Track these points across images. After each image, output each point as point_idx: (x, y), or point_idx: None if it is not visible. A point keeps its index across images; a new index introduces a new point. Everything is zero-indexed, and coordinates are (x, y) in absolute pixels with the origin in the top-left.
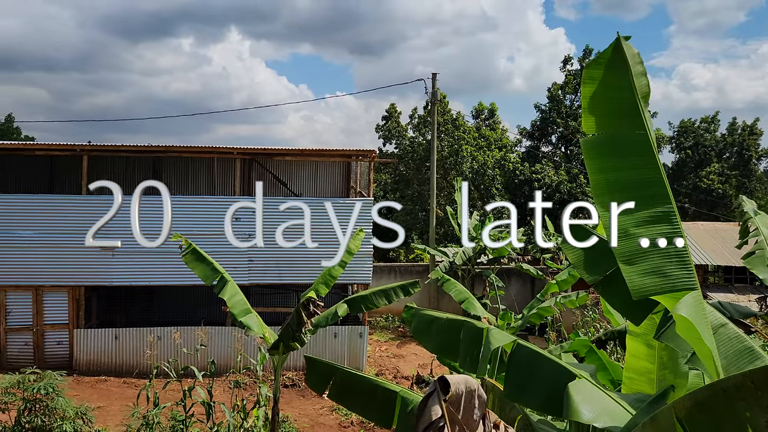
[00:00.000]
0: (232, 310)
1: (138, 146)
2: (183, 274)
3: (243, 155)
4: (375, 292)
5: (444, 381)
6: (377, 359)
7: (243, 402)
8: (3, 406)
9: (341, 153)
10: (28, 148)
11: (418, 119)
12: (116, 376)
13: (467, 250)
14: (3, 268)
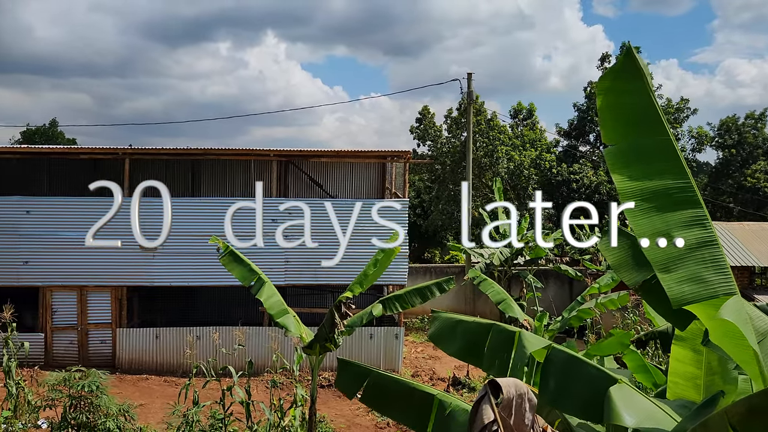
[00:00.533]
0: (270, 310)
1: (177, 149)
2: (221, 274)
3: (279, 157)
4: (409, 291)
5: (495, 384)
6: (413, 360)
7: (280, 402)
8: (50, 402)
9: (376, 154)
10: (73, 151)
11: (452, 120)
12: (157, 375)
13: (504, 251)
14: (49, 269)
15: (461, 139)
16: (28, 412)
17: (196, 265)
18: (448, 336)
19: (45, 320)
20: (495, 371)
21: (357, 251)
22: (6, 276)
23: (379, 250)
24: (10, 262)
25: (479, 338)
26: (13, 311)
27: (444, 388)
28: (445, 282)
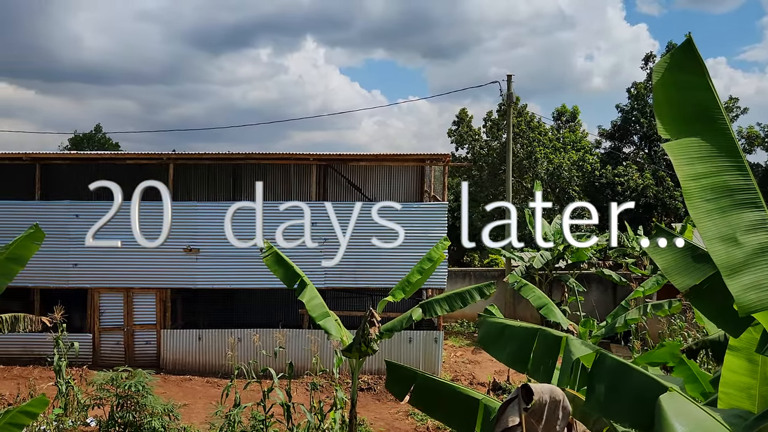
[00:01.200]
0: (311, 313)
1: (219, 154)
2: (261, 277)
3: (319, 161)
4: (450, 295)
5: (527, 389)
6: (452, 365)
7: (320, 404)
8: (98, 401)
9: (415, 157)
10: (119, 157)
11: (492, 122)
12: (200, 376)
13: (545, 255)
14: (97, 271)
15: (501, 141)
16: (77, 410)
17: (237, 268)
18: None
19: (93, 321)
20: (540, 376)
21: (397, 254)
22: (56, 278)
23: (425, 257)
24: (61, 265)
25: (525, 343)
26: (63, 312)
27: (484, 392)
28: (486, 287)
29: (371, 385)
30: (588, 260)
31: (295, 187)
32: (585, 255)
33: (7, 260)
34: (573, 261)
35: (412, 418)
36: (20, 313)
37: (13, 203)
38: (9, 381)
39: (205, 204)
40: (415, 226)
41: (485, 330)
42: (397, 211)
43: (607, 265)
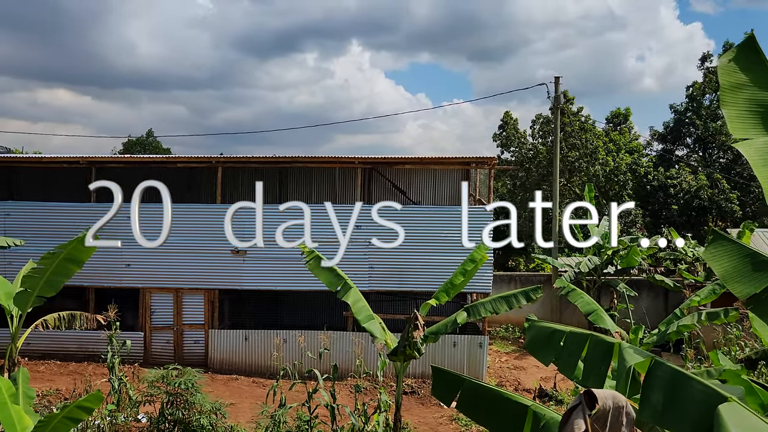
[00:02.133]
0: (356, 315)
1: (266, 157)
2: (307, 279)
3: (364, 164)
4: (495, 299)
5: (590, 395)
6: (497, 370)
7: (364, 406)
8: (149, 398)
9: (460, 160)
10: (170, 160)
11: (541, 124)
12: (246, 376)
13: (593, 260)
14: (149, 271)
15: (549, 143)
16: (129, 406)
17: (283, 270)
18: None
19: (144, 320)
20: (591, 383)
21: (441, 257)
22: (110, 278)
23: (467, 259)
24: (114, 265)
25: (575, 348)
26: (116, 311)
27: (530, 399)
28: (533, 291)
29: (415, 388)
30: (638, 266)
31: (340, 190)
32: (635, 260)
33: (65, 260)
34: (623, 266)
35: (457, 423)
36: (76, 311)
37: (71, 205)
38: (65, 377)
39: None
40: (460, 229)
41: (533, 334)
42: (442, 214)
43: (658, 271)
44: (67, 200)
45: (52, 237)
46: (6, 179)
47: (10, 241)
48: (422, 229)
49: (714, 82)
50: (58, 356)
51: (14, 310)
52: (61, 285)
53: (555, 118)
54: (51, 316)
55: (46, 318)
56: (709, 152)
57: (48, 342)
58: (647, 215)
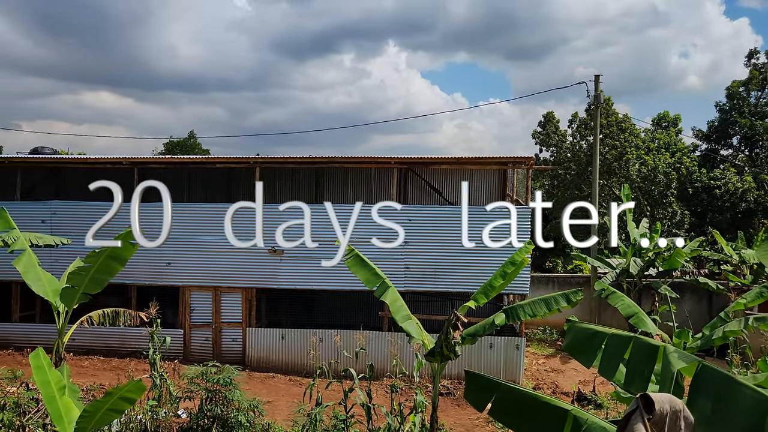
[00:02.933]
0: (393, 315)
1: (304, 158)
2: (343, 279)
3: (400, 164)
4: (534, 301)
5: (647, 399)
6: (534, 373)
7: (400, 407)
8: (189, 394)
9: (498, 160)
10: (210, 161)
11: (578, 123)
12: (282, 374)
13: (636, 261)
14: (188, 270)
15: (588, 143)
16: (169, 402)
17: (319, 270)
18: (584, 347)
19: (184, 318)
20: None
21: (477, 258)
22: (151, 276)
23: (507, 261)
24: (155, 263)
25: (617, 351)
26: (157, 308)
27: (568, 402)
28: (573, 293)
29: (451, 389)
30: (681, 268)
31: (376, 190)
32: (678, 262)
33: (109, 258)
34: (665, 268)
35: (493, 425)
36: (120, 308)
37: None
38: (108, 372)
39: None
40: (498, 230)
41: (573, 336)
42: (479, 215)
43: (702, 274)
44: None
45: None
46: (52, 179)
47: (57, 240)
48: (458, 229)
49: (761, 79)
50: (101, 352)
51: (61, 307)
52: (106, 283)
53: (595, 117)
54: (96, 313)
55: (91, 315)
56: (756, 152)
57: (92, 338)
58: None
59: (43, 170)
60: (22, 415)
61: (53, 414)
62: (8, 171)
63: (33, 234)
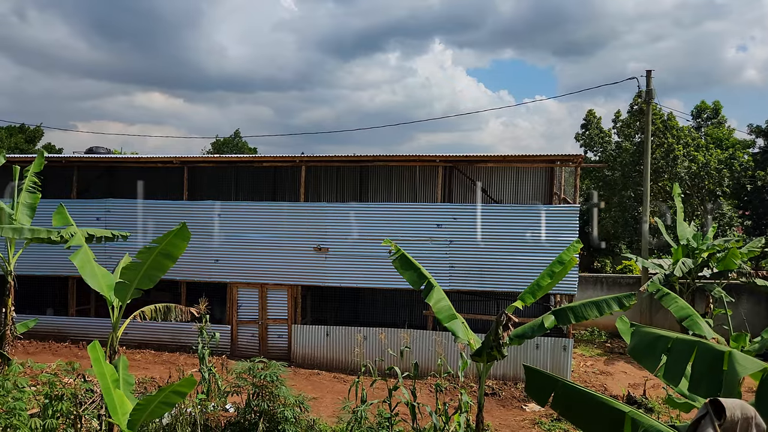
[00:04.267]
0: (438, 315)
1: (348, 156)
2: (387, 277)
3: (445, 163)
4: (585, 304)
5: (717, 404)
6: (581, 375)
7: (445, 406)
8: (237, 388)
9: (545, 158)
10: (257, 159)
11: (623, 122)
12: (327, 371)
13: (687, 262)
14: (236, 267)
15: (634, 141)
16: (218, 396)
17: (364, 268)
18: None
19: (232, 314)
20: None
21: (524, 258)
22: (200, 272)
23: (555, 260)
24: (204, 260)
25: (682, 356)
26: (207, 304)
27: None
28: (626, 298)
29: (496, 390)
30: (738, 269)
31: (420, 188)
32: (733, 263)
33: (161, 255)
34: (719, 269)
35: (539, 428)
36: (170, 303)
37: (166, 203)
38: (159, 365)
39: (334, 205)
40: (544, 229)
41: (637, 340)
42: (525, 213)
43: (761, 275)
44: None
45: (149, 232)
46: (106, 178)
47: (116, 233)
48: (504, 228)
49: None
50: (152, 346)
51: (115, 301)
52: (158, 279)
53: (647, 113)
54: (148, 308)
55: (143, 309)
56: None
57: (144, 332)
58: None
59: (98, 169)
60: (79, 406)
61: (109, 405)
62: (65, 170)
63: (90, 229)
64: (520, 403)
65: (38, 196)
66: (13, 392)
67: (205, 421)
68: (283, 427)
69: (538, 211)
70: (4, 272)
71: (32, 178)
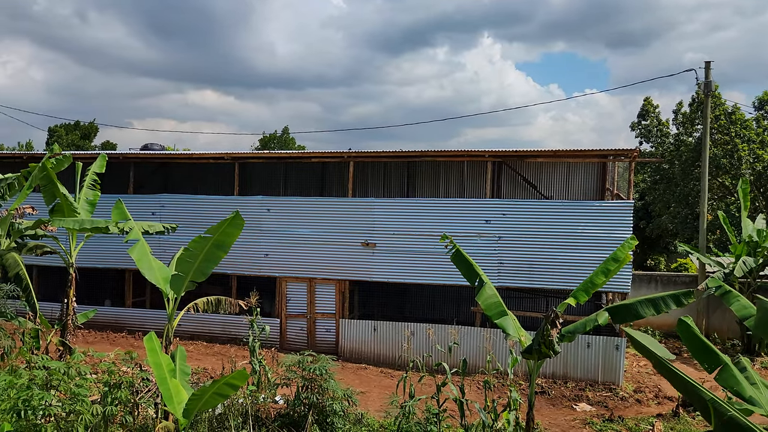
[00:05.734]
0: (488, 311)
1: (396, 152)
2: (434, 273)
3: (494, 158)
4: (641, 301)
5: None
6: (634, 375)
7: (494, 403)
8: (287, 381)
9: (597, 153)
10: (306, 155)
11: (683, 115)
12: (374, 365)
13: (748, 261)
14: (285, 261)
15: (694, 135)
16: (268, 387)
17: (411, 263)
18: None
19: (281, 307)
20: None
21: (575, 255)
22: (250, 266)
23: (610, 257)
24: (254, 255)
25: None
26: (257, 298)
27: (672, 408)
28: (684, 295)
29: (545, 388)
30: None
31: (468, 184)
32: None
33: (214, 246)
34: None
35: (590, 428)
36: (221, 296)
37: (217, 198)
38: (211, 357)
39: (381, 200)
40: (596, 226)
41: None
42: (577, 209)
43: None
44: (212, 193)
45: (200, 227)
46: (161, 174)
47: (168, 226)
48: (555, 224)
49: None
50: (204, 338)
51: (170, 293)
52: (210, 271)
53: (705, 106)
54: (201, 300)
55: (196, 302)
56: None
57: (196, 324)
58: None
59: (153, 165)
60: (135, 394)
61: (165, 394)
62: (122, 166)
63: (146, 222)
64: (571, 402)
65: (98, 192)
66: (76, 379)
67: (256, 412)
68: (332, 420)
69: (590, 207)
70: (66, 264)
71: (93, 176)
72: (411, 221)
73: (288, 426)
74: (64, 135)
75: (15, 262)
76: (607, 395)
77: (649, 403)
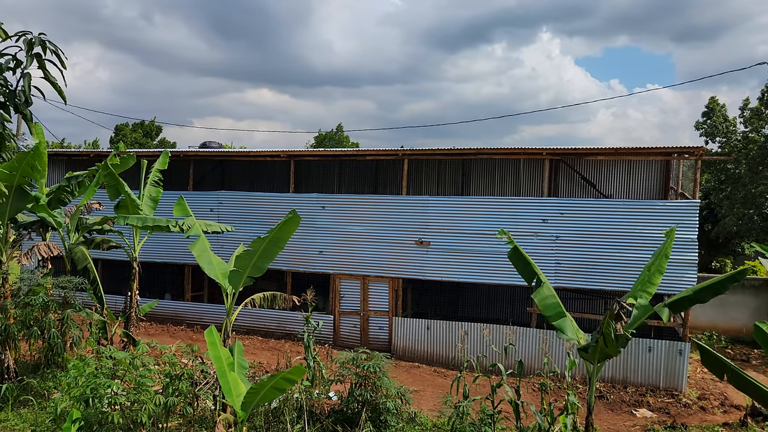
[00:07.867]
0: (545, 312)
1: (451, 149)
2: (489, 272)
3: (552, 156)
4: (699, 288)
5: None
6: (698, 381)
7: (550, 406)
8: (340, 377)
9: (661, 151)
10: (360, 153)
11: (751, 111)
12: (427, 364)
13: None
14: (339, 258)
15: (762, 132)
16: (322, 383)
17: (465, 262)
18: None
19: (334, 304)
20: None
21: (636, 256)
22: (305, 263)
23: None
24: (309, 251)
25: None
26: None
27: (740, 417)
28: (739, 273)
29: (603, 393)
30: None
31: (525, 182)
32: None
33: (270, 243)
34: None
35: None
36: (277, 292)
37: (273, 195)
38: (266, 351)
39: (435, 198)
40: (659, 226)
41: None
42: (639, 209)
43: None
44: (268, 190)
45: (257, 223)
46: (218, 171)
47: (224, 227)
48: (615, 224)
49: None
50: (260, 332)
51: (229, 289)
52: (266, 267)
53: None
54: (257, 296)
55: (253, 297)
56: None
57: (252, 319)
58: None
59: (211, 163)
60: (194, 386)
61: (224, 387)
62: (183, 163)
63: (203, 222)
64: (630, 408)
65: (161, 189)
66: (140, 369)
67: (310, 407)
68: (385, 418)
69: (653, 207)
70: (130, 258)
71: (156, 174)
72: (465, 220)
73: (342, 422)
74: (129, 133)
75: (83, 256)
76: (669, 401)
77: (714, 411)
